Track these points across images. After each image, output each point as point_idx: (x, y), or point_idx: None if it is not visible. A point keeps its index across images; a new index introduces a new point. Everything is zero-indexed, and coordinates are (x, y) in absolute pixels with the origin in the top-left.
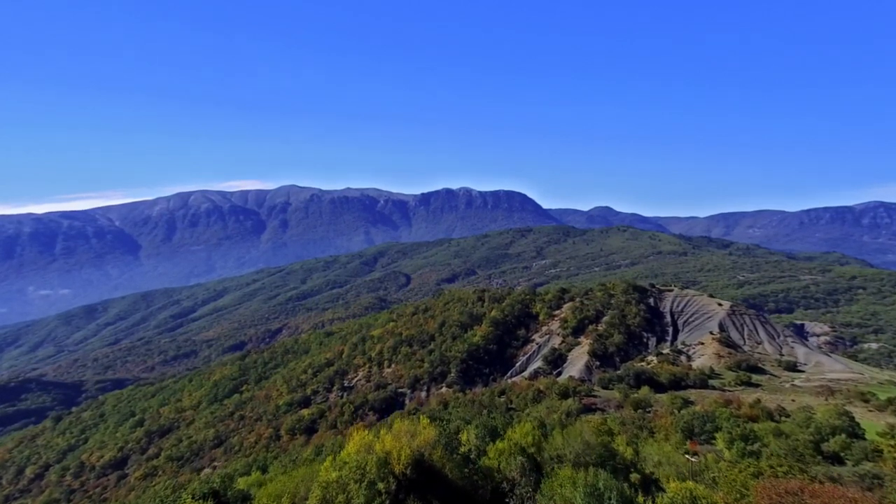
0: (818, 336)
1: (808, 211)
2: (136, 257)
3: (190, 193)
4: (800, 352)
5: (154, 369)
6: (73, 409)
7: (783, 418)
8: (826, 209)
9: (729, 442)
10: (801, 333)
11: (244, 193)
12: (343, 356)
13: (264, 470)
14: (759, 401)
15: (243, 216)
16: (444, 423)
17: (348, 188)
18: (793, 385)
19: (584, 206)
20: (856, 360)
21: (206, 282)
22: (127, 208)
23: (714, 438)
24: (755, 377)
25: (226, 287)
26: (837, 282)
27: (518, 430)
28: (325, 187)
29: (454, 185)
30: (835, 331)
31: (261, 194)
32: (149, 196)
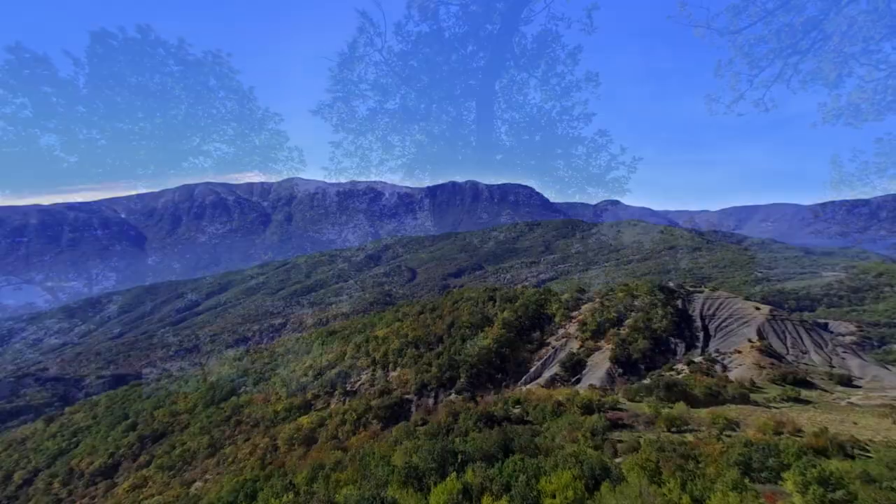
0: (843, 336)
1: (823, 204)
2: (142, 249)
3: (195, 185)
4: (853, 363)
5: (156, 364)
6: (67, 409)
7: (858, 452)
8: (842, 202)
9: (802, 486)
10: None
11: (249, 186)
12: (346, 358)
13: (253, 497)
14: (826, 429)
15: (248, 209)
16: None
17: (354, 181)
18: (849, 403)
19: (592, 200)
20: None
21: (210, 275)
22: (133, 200)
23: (780, 478)
24: (804, 392)
25: (230, 280)
26: (863, 278)
27: (555, 480)
28: (330, 180)
29: (460, 179)
30: (861, 330)
31: (266, 187)
32: (154, 188)
